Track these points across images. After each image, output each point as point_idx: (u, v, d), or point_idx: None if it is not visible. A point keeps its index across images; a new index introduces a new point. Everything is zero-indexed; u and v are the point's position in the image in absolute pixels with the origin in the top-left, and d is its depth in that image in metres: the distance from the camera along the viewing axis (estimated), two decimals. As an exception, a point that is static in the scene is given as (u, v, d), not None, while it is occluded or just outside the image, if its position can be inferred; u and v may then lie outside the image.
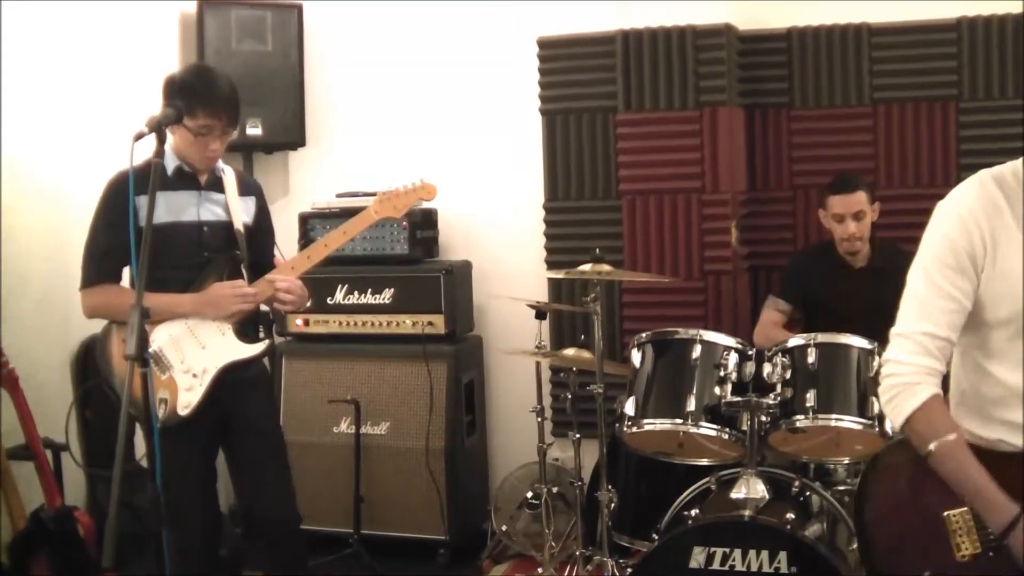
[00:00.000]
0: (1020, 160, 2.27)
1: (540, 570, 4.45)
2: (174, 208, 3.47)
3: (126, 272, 3.45)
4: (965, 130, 4.76)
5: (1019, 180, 2.25)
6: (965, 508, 2.21)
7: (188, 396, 3.38)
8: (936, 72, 4.79)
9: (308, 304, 3.78)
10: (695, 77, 4.81)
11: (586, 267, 3.81)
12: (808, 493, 3.64)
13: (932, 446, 2.18)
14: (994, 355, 2.27)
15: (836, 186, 4.31)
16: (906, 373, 2.26)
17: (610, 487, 3.87)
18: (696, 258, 4.85)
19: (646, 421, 3.58)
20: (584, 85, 5.04)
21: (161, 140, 3.12)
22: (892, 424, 2.33)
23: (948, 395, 2.39)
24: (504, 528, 4.85)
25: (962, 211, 2.26)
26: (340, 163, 5.48)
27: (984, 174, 2.30)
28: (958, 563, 2.21)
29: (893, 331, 2.33)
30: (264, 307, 3.66)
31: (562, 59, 5.08)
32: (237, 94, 3.50)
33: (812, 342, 3.53)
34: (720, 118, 4.79)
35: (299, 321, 5.06)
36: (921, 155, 4.81)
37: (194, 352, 3.43)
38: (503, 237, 5.28)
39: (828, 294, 4.30)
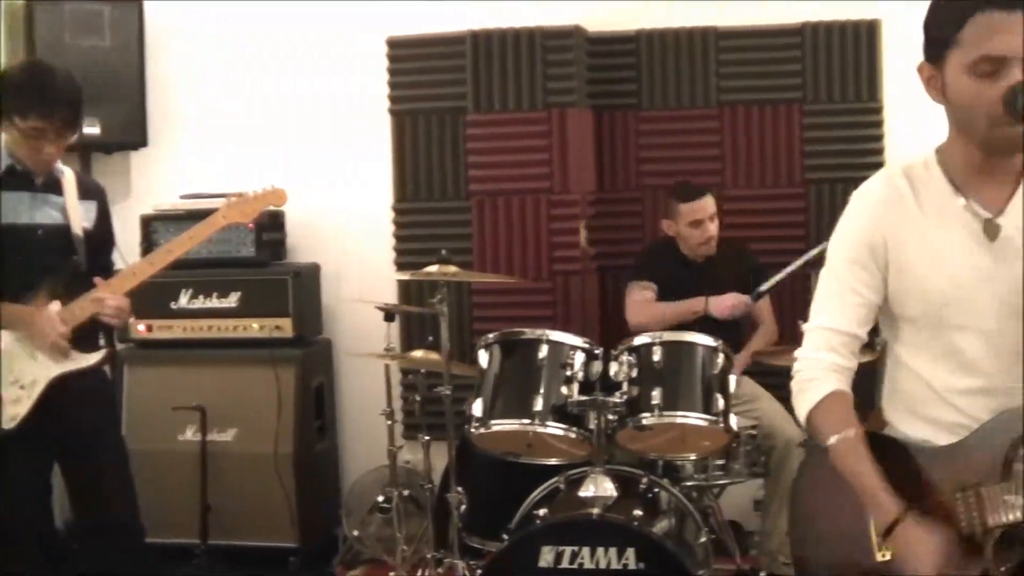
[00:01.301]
0: (933, 149, 2.18)
1: (392, 574, 4.40)
2: (5, 209, 3.31)
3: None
4: (809, 132, 4.90)
5: (930, 170, 2.16)
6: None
7: (14, 409, 3.23)
8: (781, 75, 4.92)
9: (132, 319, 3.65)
10: (544, 78, 4.83)
11: (433, 268, 3.79)
12: (656, 490, 3.68)
13: (830, 441, 2.15)
14: (915, 352, 2.21)
15: (686, 194, 4.40)
16: (809, 368, 2.23)
17: (460, 489, 3.85)
18: (545, 258, 4.87)
19: (494, 422, 3.57)
20: (433, 86, 5.01)
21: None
22: (799, 418, 2.26)
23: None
24: (356, 533, 4.79)
25: (866, 204, 2.21)
26: (184, 164, 5.32)
27: (894, 165, 2.24)
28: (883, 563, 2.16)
29: (804, 326, 2.30)
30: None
31: (411, 59, 5.05)
32: (80, 95, 3.35)
33: (657, 340, 3.57)
34: (569, 119, 4.82)
35: (141, 327, 4.90)
36: (766, 156, 4.93)
37: (24, 363, 3.29)
38: (352, 239, 5.21)
39: (671, 289, 4.38)
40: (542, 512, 3.46)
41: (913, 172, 2.17)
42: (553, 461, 3.77)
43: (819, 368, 2.21)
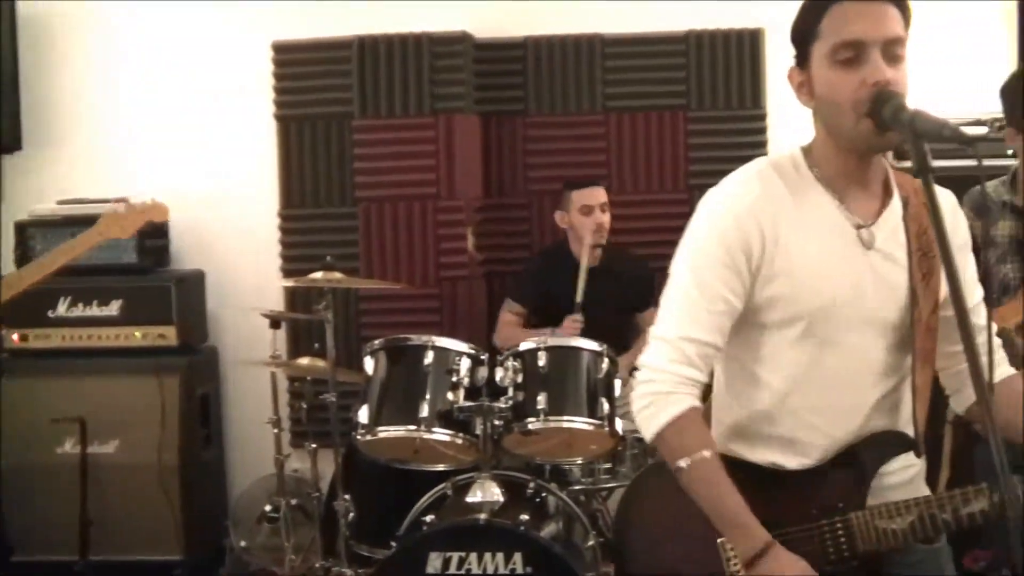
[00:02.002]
0: (798, 149, 2.06)
1: (280, 584, 4.36)
2: None
3: None
4: (694, 138, 4.99)
5: (801, 173, 2.03)
6: None
7: None
8: (666, 82, 5.01)
9: None
10: (431, 84, 4.83)
11: (317, 275, 3.76)
12: (544, 494, 3.70)
13: (683, 463, 1.95)
14: (770, 362, 2.04)
15: (578, 183, 4.45)
16: (662, 381, 2.00)
17: (347, 497, 3.83)
18: (432, 264, 4.87)
19: (380, 428, 3.56)
20: (320, 91, 4.98)
21: None
22: (644, 435, 2.04)
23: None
24: (243, 543, 4.72)
25: (739, 205, 2.00)
26: (62, 168, 5.16)
27: (763, 164, 2.07)
28: None
29: (653, 333, 2.07)
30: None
31: (297, 64, 5.01)
32: None
33: (542, 345, 3.59)
34: (456, 125, 4.83)
35: (15, 336, 4.75)
36: (652, 162, 5.01)
37: None
38: (238, 245, 5.13)
39: (563, 295, 4.39)
40: (429, 518, 3.46)
41: (784, 171, 2.03)
42: (440, 467, 3.77)
43: (674, 382, 1.99)
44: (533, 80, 5.03)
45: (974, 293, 2.12)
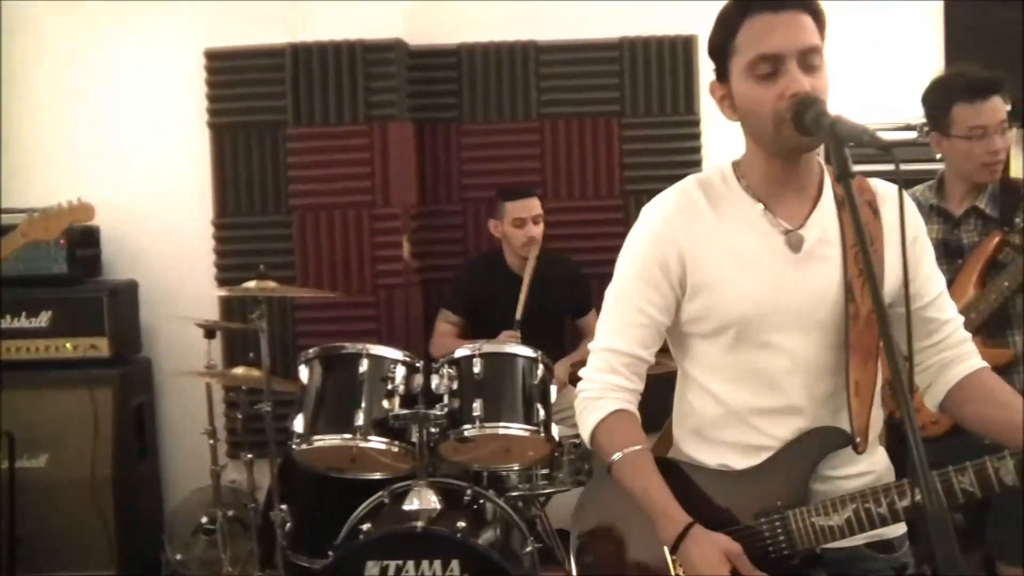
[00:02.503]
0: (729, 163, 2.12)
1: (217, 597, 4.32)
2: None
3: None
4: (628, 144, 5.03)
5: (728, 184, 2.08)
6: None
7: None
8: (600, 89, 5.04)
9: None
10: (365, 92, 4.83)
11: (251, 284, 3.73)
12: (481, 501, 3.70)
13: (613, 458, 2.05)
14: (710, 371, 2.10)
15: (513, 193, 4.46)
16: (591, 388, 2.13)
17: (284, 507, 3.81)
18: (368, 272, 4.86)
19: (316, 438, 3.54)
20: (253, 99, 4.95)
21: None
22: (584, 440, 2.16)
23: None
24: (179, 556, 4.66)
25: (657, 220, 2.09)
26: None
27: (689, 179, 2.13)
28: None
29: (590, 345, 2.19)
30: None
31: (230, 72, 4.98)
32: None
33: (477, 352, 3.60)
34: (390, 132, 4.82)
35: (-61, 349, 4.66)
36: (586, 169, 5.04)
37: None
38: (171, 254, 5.07)
39: (497, 301, 4.40)
40: (366, 527, 3.45)
41: (710, 185, 2.10)
42: (377, 475, 3.76)
43: (601, 388, 2.12)
44: (467, 87, 5.05)
45: (936, 285, 2.15)
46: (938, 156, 3.30)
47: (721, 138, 4.87)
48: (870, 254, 1.71)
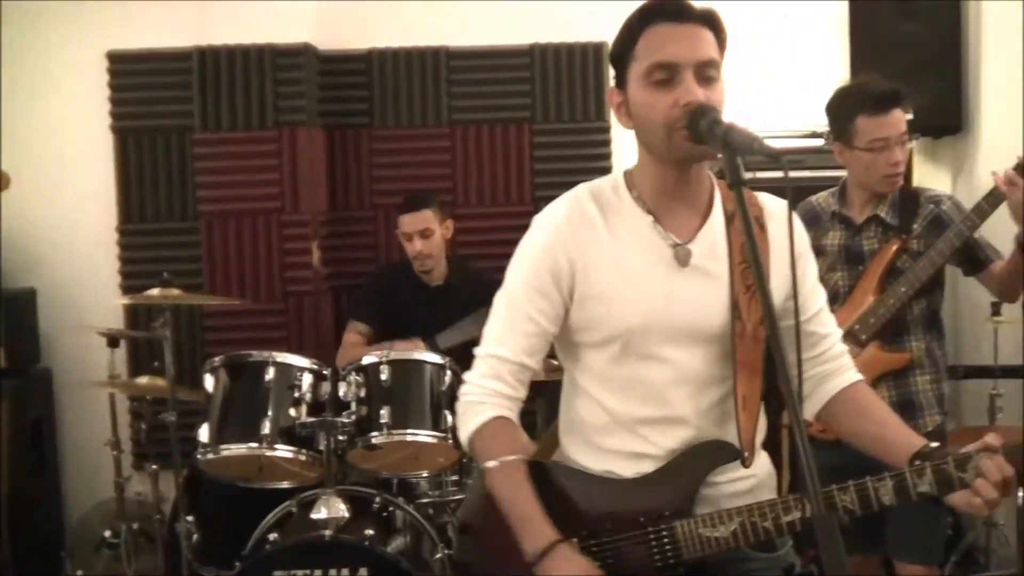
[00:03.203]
0: (621, 173, 2.13)
1: (121, 613, 4.22)
2: None
3: None
4: (539, 151, 5.04)
5: (619, 194, 2.09)
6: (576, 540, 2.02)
7: None
8: (511, 95, 5.04)
9: None
10: (274, 97, 4.78)
11: (155, 291, 3.66)
12: (391, 508, 3.68)
13: (490, 464, 2.04)
14: (597, 380, 2.10)
15: (404, 205, 4.42)
16: (473, 393, 2.11)
17: (191, 518, 3.74)
18: (278, 279, 4.81)
19: (222, 447, 3.49)
20: (158, 103, 4.88)
21: None
22: (461, 441, 2.16)
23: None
24: (80, 573, 4.54)
25: (549, 229, 2.07)
26: None
27: (580, 188, 2.12)
28: None
29: (476, 350, 2.17)
30: None
31: (135, 75, 4.89)
32: None
33: (385, 359, 3.57)
34: (300, 138, 4.78)
35: None
36: (497, 175, 5.04)
37: None
38: (73, 261, 4.95)
39: (406, 311, 4.37)
40: (273, 537, 3.40)
41: (601, 195, 2.10)
42: (285, 484, 3.71)
43: (484, 394, 2.10)
44: (378, 93, 5.01)
45: (818, 300, 2.19)
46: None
47: (631, 145, 4.87)
48: (762, 268, 1.71)
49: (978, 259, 3.17)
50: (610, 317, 2.03)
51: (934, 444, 2.01)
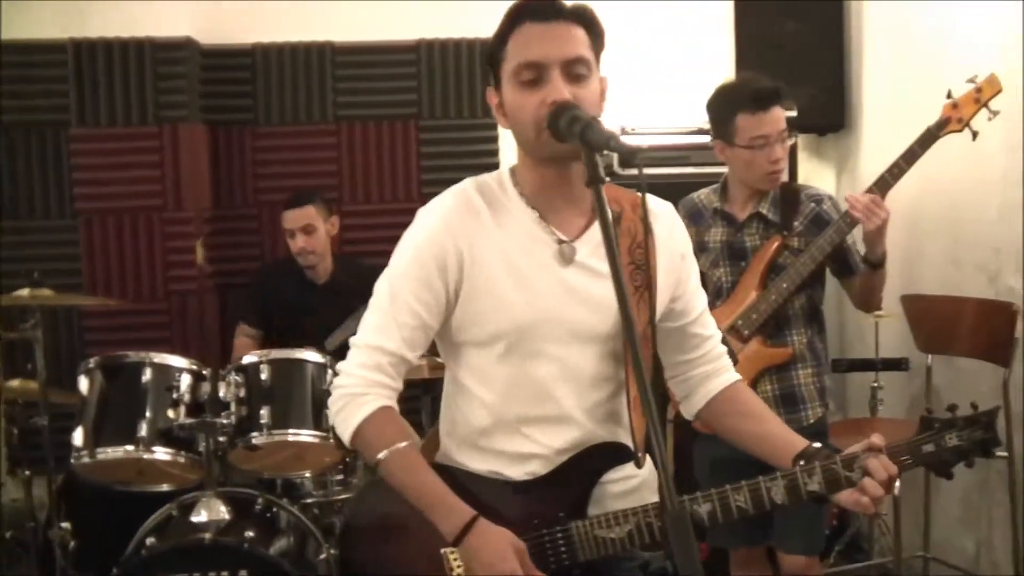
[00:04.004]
0: (507, 169, 2.10)
1: (-5, 624, 4.09)
2: None
3: None
4: (425, 147, 5.02)
5: (505, 189, 2.06)
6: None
7: None
8: (397, 91, 5.01)
9: None
10: (155, 92, 4.69)
11: (24, 292, 3.56)
12: (275, 509, 3.63)
13: (382, 455, 1.97)
14: (481, 379, 2.06)
15: (288, 201, 4.39)
16: (353, 384, 2.03)
17: (66, 525, 3.65)
18: (160, 278, 4.74)
19: (97, 450, 3.41)
20: (33, 96, 4.75)
21: None
22: (343, 437, 2.06)
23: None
24: (-54, 586, 4.40)
25: (435, 221, 2.02)
26: None
27: (468, 182, 2.08)
28: None
29: (352, 339, 2.10)
30: None
31: (9, 67, 4.73)
32: None
33: (265, 359, 3.53)
34: (182, 134, 4.70)
35: None
36: (384, 171, 5.01)
37: None
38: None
39: (292, 309, 4.33)
40: (150, 541, 3.34)
41: (488, 189, 2.06)
42: (165, 487, 3.65)
43: (365, 384, 2.03)
44: (263, 88, 4.95)
45: (700, 302, 2.21)
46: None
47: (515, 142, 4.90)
48: (620, 270, 1.70)
49: (848, 265, 3.24)
50: (497, 313, 2.00)
51: (816, 444, 2.05)
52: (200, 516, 3.38)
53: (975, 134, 3.06)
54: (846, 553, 4.35)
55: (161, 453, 3.42)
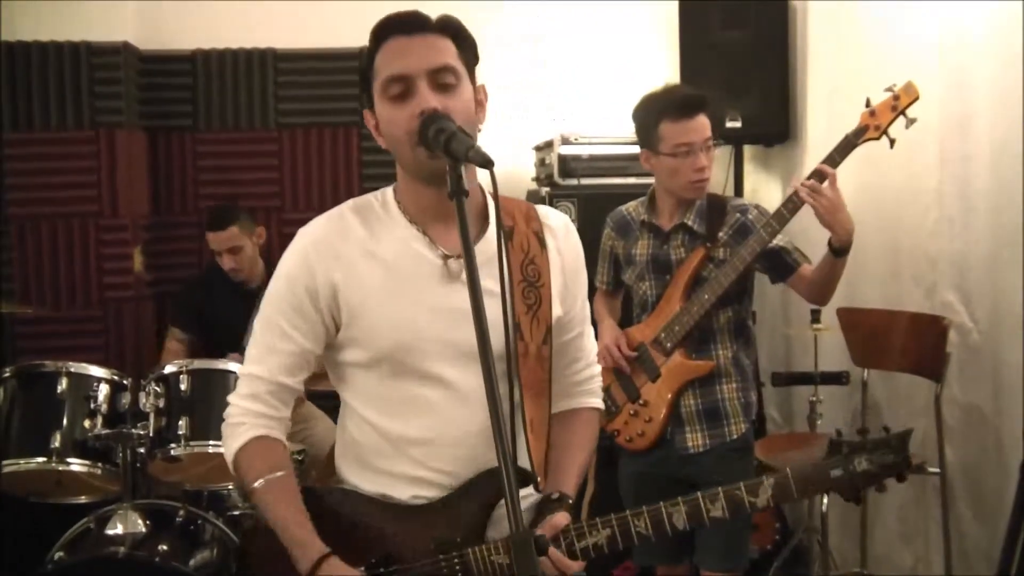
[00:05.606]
0: (391, 187, 2.06)
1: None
2: None
3: None
4: (367, 155, 4.96)
5: (388, 209, 2.02)
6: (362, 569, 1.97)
7: None
8: (339, 99, 4.95)
9: None
10: (90, 96, 4.63)
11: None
12: (199, 521, 3.56)
13: (255, 485, 1.97)
14: (368, 400, 2.03)
15: (209, 222, 4.33)
16: (234, 414, 2.04)
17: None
18: (95, 286, 4.66)
19: (8, 462, 3.33)
20: (-37, 100, 4.66)
21: None
22: (227, 462, 2.07)
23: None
24: None
25: (307, 245, 2.00)
26: None
27: (347, 203, 2.06)
28: None
29: (239, 369, 2.12)
30: None
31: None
32: None
33: (185, 368, 3.47)
34: (119, 140, 4.64)
35: None
36: (325, 178, 4.95)
37: None
38: None
39: (223, 316, 4.26)
40: (58, 556, 3.27)
41: (368, 209, 2.04)
42: (83, 499, 3.58)
43: (243, 414, 2.03)
44: (203, 94, 4.89)
45: (582, 322, 2.19)
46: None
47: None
48: (476, 279, 1.69)
49: (786, 264, 3.18)
50: (374, 335, 1.97)
51: (555, 494, 2.04)
52: (116, 529, 3.33)
53: (892, 141, 3.03)
54: (785, 569, 4.30)
55: (76, 464, 3.35)
